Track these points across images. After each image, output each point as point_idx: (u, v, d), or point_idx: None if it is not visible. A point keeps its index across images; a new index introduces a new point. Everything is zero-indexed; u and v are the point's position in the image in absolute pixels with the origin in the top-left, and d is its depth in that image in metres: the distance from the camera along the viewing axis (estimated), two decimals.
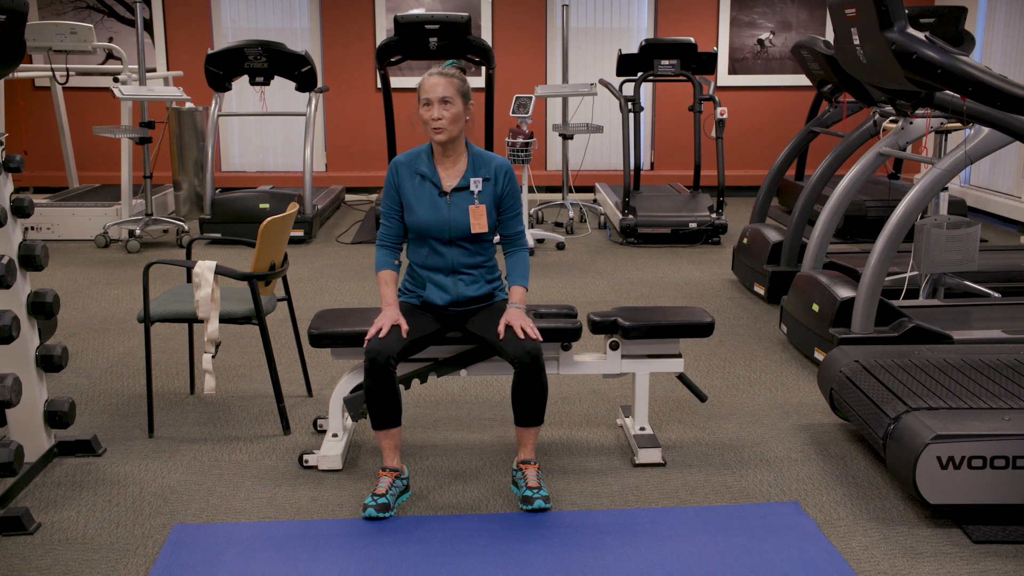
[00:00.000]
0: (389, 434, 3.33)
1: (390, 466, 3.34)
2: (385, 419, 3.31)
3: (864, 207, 7.72)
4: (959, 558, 2.96)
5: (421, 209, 3.39)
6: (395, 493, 3.29)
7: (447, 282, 3.44)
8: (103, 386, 4.54)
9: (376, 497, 3.24)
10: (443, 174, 3.43)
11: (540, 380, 3.29)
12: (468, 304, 3.48)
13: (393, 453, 3.35)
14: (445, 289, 3.44)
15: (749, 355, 5.00)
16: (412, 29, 8.15)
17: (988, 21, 9.07)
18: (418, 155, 3.47)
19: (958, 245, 4.85)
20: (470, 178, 3.40)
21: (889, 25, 3.38)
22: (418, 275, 3.50)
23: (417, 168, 3.43)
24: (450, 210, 3.38)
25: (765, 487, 3.48)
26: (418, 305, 3.50)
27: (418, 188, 3.41)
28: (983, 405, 3.32)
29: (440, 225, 3.38)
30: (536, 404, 3.34)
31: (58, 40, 7.67)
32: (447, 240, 3.40)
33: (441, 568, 2.92)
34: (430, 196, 3.40)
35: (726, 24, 10.32)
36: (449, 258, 3.42)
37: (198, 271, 3.81)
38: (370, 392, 3.27)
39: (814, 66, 6.38)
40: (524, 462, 3.39)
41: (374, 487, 3.31)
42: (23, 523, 3.12)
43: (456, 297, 3.44)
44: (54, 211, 8.05)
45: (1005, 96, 3.20)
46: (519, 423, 3.39)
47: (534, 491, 3.28)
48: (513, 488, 3.42)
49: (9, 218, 3.36)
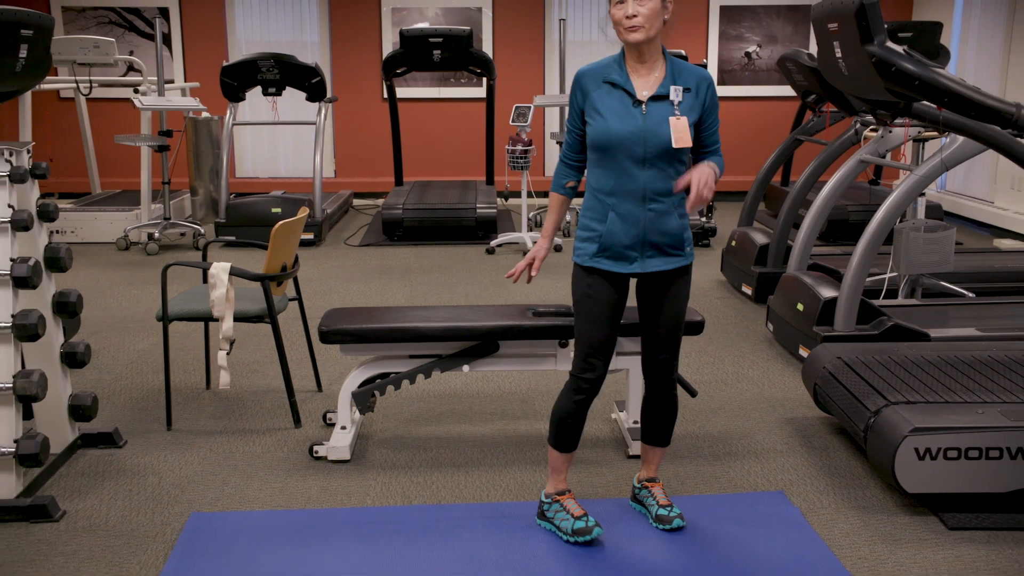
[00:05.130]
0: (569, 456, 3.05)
1: (566, 488, 3.08)
2: (574, 441, 3.02)
3: (846, 211, 7.73)
4: (935, 544, 2.97)
5: (611, 118, 2.76)
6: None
7: (637, 212, 2.78)
8: (124, 381, 4.54)
9: (585, 518, 2.96)
10: (637, 82, 2.80)
11: (673, 400, 3.03)
12: (657, 252, 2.84)
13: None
14: (633, 221, 2.79)
15: (737, 352, 5.00)
16: (417, 42, 8.16)
17: (962, 36, 9.07)
18: (608, 64, 2.85)
19: (935, 248, 4.85)
20: (670, 86, 2.78)
21: (870, 39, 3.39)
22: (599, 206, 2.83)
23: (607, 77, 2.81)
24: (646, 121, 2.75)
25: (752, 477, 3.48)
26: (594, 269, 2.86)
27: (607, 96, 2.79)
28: (958, 399, 3.32)
29: (633, 138, 2.74)
30: (668, 424, 3.07)
31: (82, 54, 7.67)
32: (640, 158, 2.75)
33: (445, 553, 2.92)
34: (622, 104, 2.77)
35: (715, 37, 10.31)
36: (641, 181, 2.77)
37: (213, 272, 3.81)
38: (564, 413, 2.97)
39: (799, 77, 6.39)
40: (650, 480, 3.16)
41: (570, 511, 2.99)
42: (49, 511, 3.13)
43: (645, 234, 2.79)
44: (78, 215, 8.05)
45: (978, 107, 3.20)
46: (648, 441, 3.12)
47: (668, 509, 3.06)
48: (634, 504, 3.19)
49: (35, 222, 3.36)
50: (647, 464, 3.17)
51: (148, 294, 6.24)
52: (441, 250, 7.69)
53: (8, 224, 3.20)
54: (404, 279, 6.66)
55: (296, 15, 10.23)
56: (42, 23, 3.23)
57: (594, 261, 2.85)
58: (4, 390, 3.15)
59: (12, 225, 3.20)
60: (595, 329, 2.87)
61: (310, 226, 7.82)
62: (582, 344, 2.90)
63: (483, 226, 8.05)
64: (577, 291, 2.91)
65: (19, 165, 3.25)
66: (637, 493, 3.19)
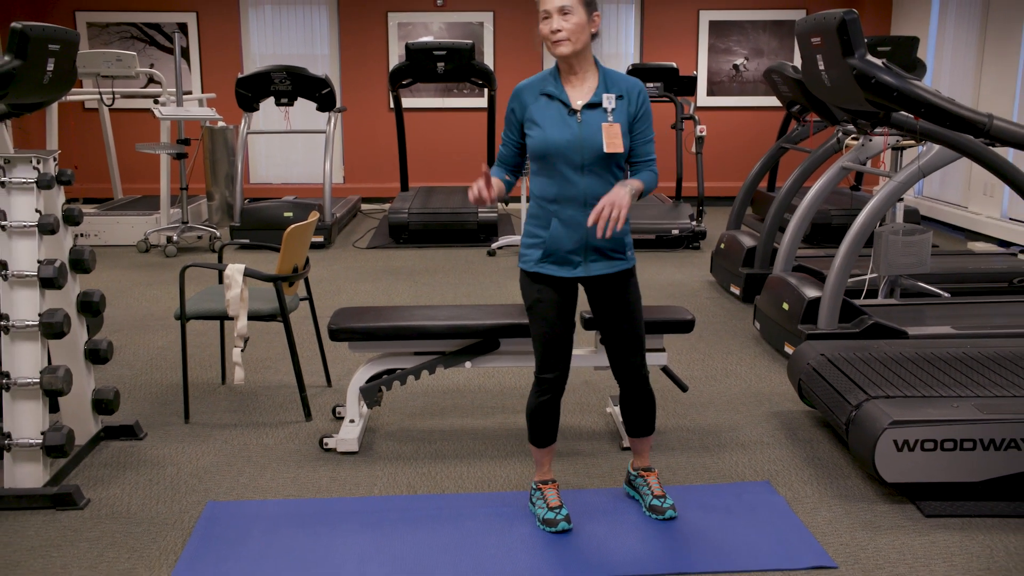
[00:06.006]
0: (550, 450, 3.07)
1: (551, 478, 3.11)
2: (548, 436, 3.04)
3: (829, 216, 7.73)
4: (912, 530, 2.98)
5: (549, 127, 2.76)
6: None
7: (579, 217, 2.78)
8: (144, 377, 4.55)
9: (557, 511, 2.99)
10: (572, 93, 2.79)
11: (647, 394, 3.02)
12: (600, 256, 2.85)
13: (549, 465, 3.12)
14: (575, 227, 2.79)
15: (726, 349, 5.01)
16: (422, 55, 8.17)
17: (937, 50, 9.08)
18: (543, 78, 2.84)
19: (912, 250, 4.86)
20: (603, 94, 2.77)
21: (851, 53, 3.40)
22: (543, 213, 2.84)
23: (543, 89, 2.81)
24: (581, 128, 2.75)
25: (740, 468, 3.49)
26: (540, 275, 2.87)
27: (544, 108, 2.79)
28: (934, 394, 3.33)
29: (571, 145, 2.75)
30: (646, 416, 3.06)
31: (105, 67, 7.69)
32: (579, 164, 2.76)
33: (449, 540, 2.93)
34: (558, 114, 2.77)
35: (705, 51, 10.32)
36: (582, 187, 2.77)
37: (229, 273, 3.82)
38: (534, 413, 2.97)
39: (784, 89, 6.40)
40: (646, 469, 3.15)
41: (547, 500, 3.02)
42: (74, 499, 3.15)
43: (587, 238, 2.80)
44: (101, 219, 8.06)
45: (953, 117, 3.21)
46: (631, 434, 3.12)
47: (662, 500, 3.06)
48: (628, 489, 3.21)
49: (61, 226, 3.38)
50: (639, 454, 3.17)
51: (167, 294, 6.25)
52: (445, 252, 7.70)
53: (36, 228, 3.21)
54: (409, 280, 6.68)
55: (307, 29, 10.24)
56: (68, 38, 3.24)
57: (539, 267, 2.87)
58: (32, 385, 3.17)
59: (39, 229, 3.22)
60: (548, 330, 2.89)
61: (320, 229, 7.83)
62: (538, 346, 2.92)
63: (485, 229, 8.06)
64: (527, 297, 2.93)
65: (46, 172, 3.27)
66: (633, 480, 3.19)
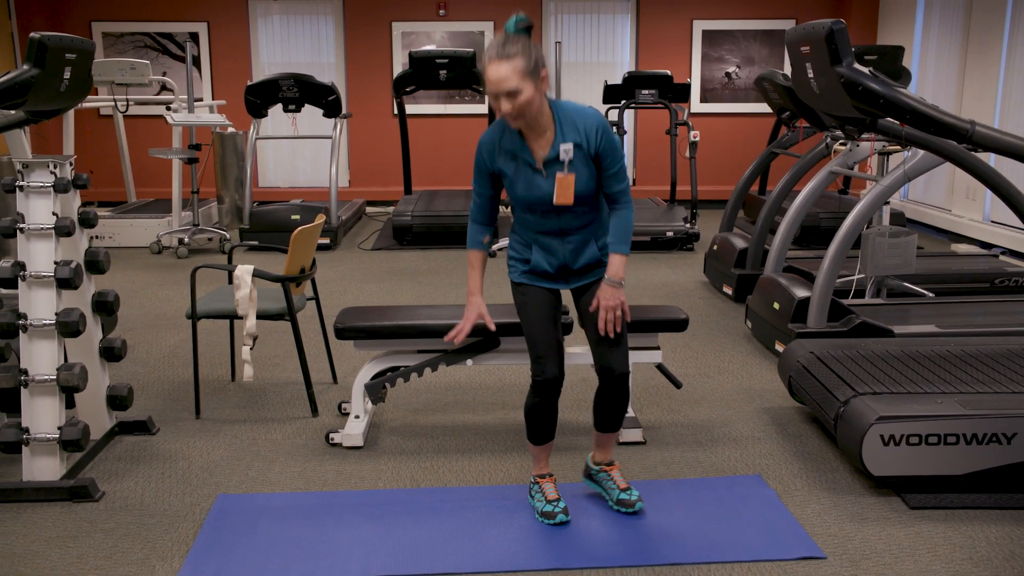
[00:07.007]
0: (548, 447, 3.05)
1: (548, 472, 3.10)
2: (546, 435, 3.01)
3: (818, 218, 7.72)
4: (898, 522, 2.97)
5: (518, 185, 2.80)
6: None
7: (556, 246, 2.86)
8: (156, 374, 4.54)
9: (555, 503, 2.98)
10: (534, 146, 2.76)
11: (623, 393, 2.94)
12: (580, 275, 2.93)
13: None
14: (554, 252, 2.87)
15: (718, 347, 5.00)
16: (424, 63, 8.16)
17: (921, 59, 9.08)
18: (502, 131, 2.80)
19: (898, 251, 4.85)
20: (559, 146, 2.73)
21: (839, 61, 3.38)
22: (525, 235, 2.92)
23: (505, 146, 2.79)
24: (548, 184, 2.76)
25: (732, 462, 3.48)
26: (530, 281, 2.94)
27: (510, 162, 2.80)
28: (919, 390, 3.32)
29: (542, 199, 2.78)
30: (617, 413, 2.99)
31: (119, 75, 7.68)
32: (553, 208, 2.81)
33: (451, 531, 2.92)
34: (526, 174, 2.78)
35: (698, 59, 10.31)
36: (558, 223, 2.84)
37: (238, 274, 3.82)
38: (530, 413, 2.94)
39: (774, 96, 6.39)
40: (607, 464, 3.10)
41: (545, 494, 3.01)
42: (90, 491, 3.14)
43: (564, 260, 2.87)
44: (115, 222, 8.05)
45: (937, 123, 3.20)
46: (599, 429, 3.04)
47: (629, 493, 3.02)
48: (589, 483, 3.16)
49: (77, 228, 3.37)
50: (602, 448, 3.09)
51: (178, 294, 6.24)
52: (447, 254, 7.69)
53: (52, 230, 3.21)
54: (413, 280, 6.66)
55: (314, 38, 10.23)
56: (84, 48, 3.23)
57: (525, 278, 2.96)
58: (48, 382, 3.16)
59: (56, 231, 3.21)
60: (539, 331, 2.88)
61: (326, 232, 7.82)
62: (531, 348, 2.90)
63: None
64: (517, 302, 2.97)
65: (63, 176, 3.26)
66: (595, 475, 3.13)
